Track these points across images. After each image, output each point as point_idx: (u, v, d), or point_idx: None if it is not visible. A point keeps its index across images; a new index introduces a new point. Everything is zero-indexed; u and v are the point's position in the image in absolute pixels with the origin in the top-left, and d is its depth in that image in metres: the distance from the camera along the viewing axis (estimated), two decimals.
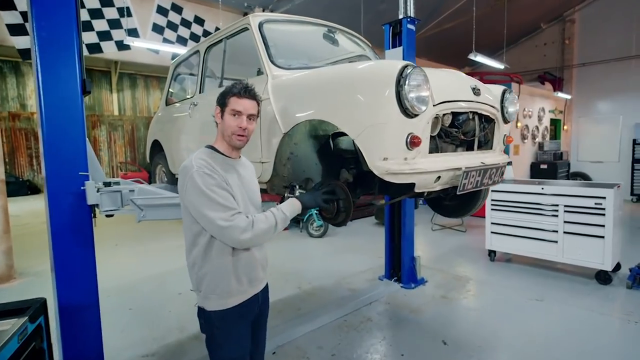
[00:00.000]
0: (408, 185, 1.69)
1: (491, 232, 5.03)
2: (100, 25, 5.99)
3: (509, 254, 5.16)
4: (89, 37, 5.93)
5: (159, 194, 2.20)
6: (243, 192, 1.59)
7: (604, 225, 4.12)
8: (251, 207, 1.63)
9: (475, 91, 1.95)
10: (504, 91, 2.29)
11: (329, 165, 2.13)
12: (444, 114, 1.82)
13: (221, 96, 1.59)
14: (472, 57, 7.02)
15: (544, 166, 9.27)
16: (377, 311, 3.71)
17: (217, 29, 6.97)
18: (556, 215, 4.44)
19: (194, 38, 7.06)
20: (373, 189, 2.04)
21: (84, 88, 2.09)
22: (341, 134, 1.98)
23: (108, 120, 13.35)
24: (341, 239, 6.51)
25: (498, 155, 2.28)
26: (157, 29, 6.53)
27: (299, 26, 2.61)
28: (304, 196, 1.68)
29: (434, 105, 1.70)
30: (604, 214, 4.12)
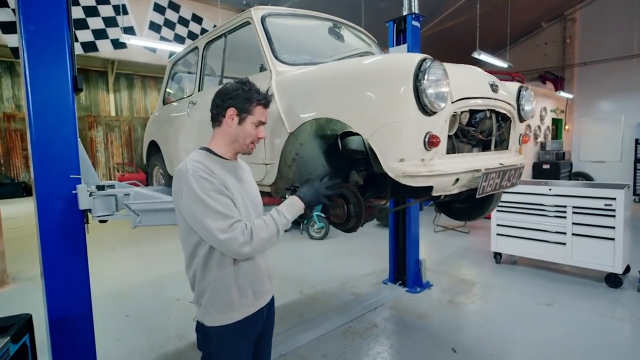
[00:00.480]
0: (425, 189, 1.58)
1: (497, 234, 4.92)
2: (95, 23, 5.84)
3: (514, 256, 5.06)
4: (84, 36, 5.79)
5: (156, 198, 2.07)
6: (244, 196, 1.47)
7: (614, 227, 4.02)
8: (253, 212, 1.50)
9: (494, 88, 1.84)
10: (520, 88, 2.17)
11: (336, 167, 2.01)
12: (461, 112, 1.70)
13: (243, 101, 1.45)
14: (476, 56, 6.91)
15: (546, 166, 9.17)
16: (383, 317, 3.59)
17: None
18: (564, 217, 4.33)
19: (192, 36, 6.93)
20: (384, 191, 1.92)
21: (75, 85, 1.96)
22: (350, 134, 1.86)
23: (105, 121, 13.18)
24: (343, 241, 6.38)
25: (514, 155, 2.16)
26: (154, 27, 6.39)
27: (303, 20, 2.49)
28: (305, 192, 1.49)
29: (452, 102, 1.59)
30: (614, 215, 4.02)
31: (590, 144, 10.94)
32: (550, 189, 4.43)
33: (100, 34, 5.85)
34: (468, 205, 2.46)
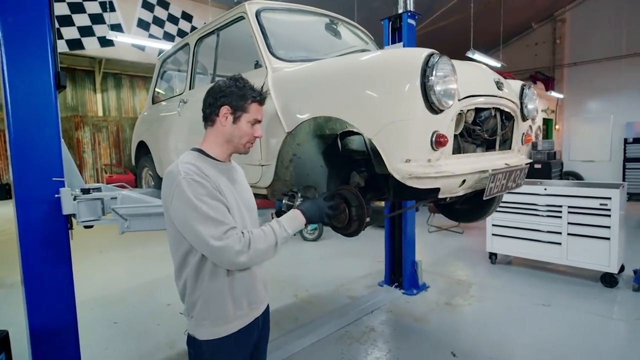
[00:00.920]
0: (431, 191, 1.50)
1: (492, 235, 4.89)
2: (81, 20, 5.65)
3: (509, 256, 5.04)
4: (70, 33, 5.59)
5: (146, 201, 1.96)
6: (238, 200, 1.37)
7: (609, 227, 4.01)
8: (247, 216, 1.41)
9: (499, 85, 1.77)
10: (523, 86, 2.12)
11: (336, 168, 1.92)
12: (467, 110, 1.63)
13: (238, 98, 1.36)
14: (470, 55, 6.89)
15: (537, 166, 9.23)
16: (380, 320, 3.52)
17: None
18: (560, 217, 4.32)
19: (182, 34, 6.77)
20: (386, 193, 1.84)
21: (58, 82, 1.84)
22: (351, 133, 1.77)
23: (92, 121, 12.88)
24: (337, 243, 6.30)
25: (518, 155, 2.11)
26: (143, 24, 6.22)
27: (299, 16, 2.40)
28: (309, 208, 1.41)
29: (458, 100, 1.51)
30: (609, 215, 4.01)
31: (580, 144, 11.05)
32: (545, 189, 4.41)
33: (86, 31, 5.66)
34: (469, 207, 2.39)
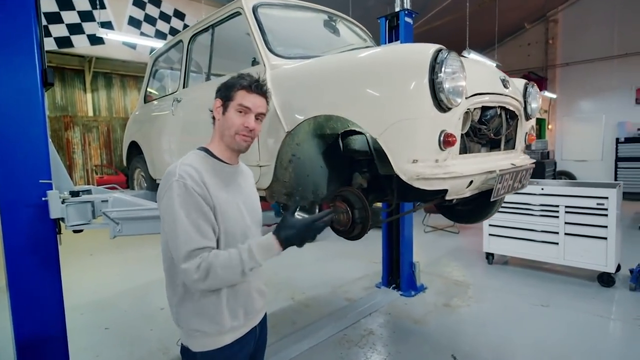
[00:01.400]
0: (437, 192, 1.44)
1: (489, 235, 4.86)
2: (70, 17, 5.51)
3: (506, 256, 5.02)
4: (58, 30, 5.45)
5: (138, 204, 1.88)
6: (241, 208, 1.31)
7: (606, 226, 4.01)
8: (250, 221, 1.35)
9: (505, 83, 1.73)
10: (526, 85, 2.08)
11: (337, 169, 1.86)
12: (474, 109, 1.58)
13: (225, 88, 1.30)
14: (466, 55, 6.88)
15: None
16: (378, 323, 3.47)
17: None
18: (557, 217, 4.31)
19: (174, 33, 6.65)
20: (389, 195, 1.79)
21: (45, 79, 1.75)
22: (352, 133, 1.71)
23: (82, 121, 12.63)
24: (332, 243, 6.23)
25: (522, 155, 2.06)
26: (134, 22, 6.09)
27: (297, 12, 2.33)
28: (287, 235, 1.22)
29: (465, 97, 1.46)
30: (606, 215, 4.01)
31: (572, 144, 11.13)
32: (542, 189, 4.39)
33: (75, 29, 5.51)
34: (471, 208, 2.35)
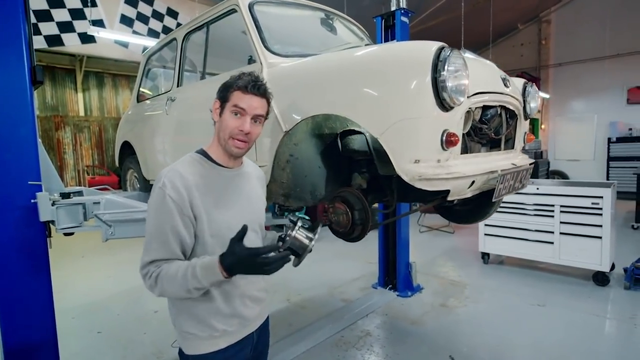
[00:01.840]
0: (438, 193, 1.42)
1: (485, 234, 4.87)
2: (60, 15, 5.40)
3: (501, 255, 5.03)
4: (48, 29, 5.34)
5: (131, 206, 1.83)
6: (237, 213, 1.26)
7: (601, 226, 4.03)
8: (249, 234, 1.29)
9: (505, 82, 1.71)
10: (525, 84, 2.06)
11: (335, 169, 1.83)
12: (475, 108, 1.55)
13: (223, 88, 1.24)
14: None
15: None
16: (375, 324, 3.44)
17: None
18: (552, 216, 4.32)
19: (167, 31, 6.56)
20: (388, 195, 1.76)
21: (34, 77, 1.69)
22: (351, 132, 1.68)
23: (73, 121, 12.45)
24: (328, 244, 6.18)
25: (521, 155, 2.05)
26: (126, 20, 5.99)
27: (294, 10, 2.29)
28: (229, 259, 1.07)
29: (467, 96, 1.44)
30: (601, 214, 4.03)
31: (565, 143, 11.22)
32: (537, 188, 4.40)
33: (66, 27, 5.41)
34: (470, 208, 2.33)
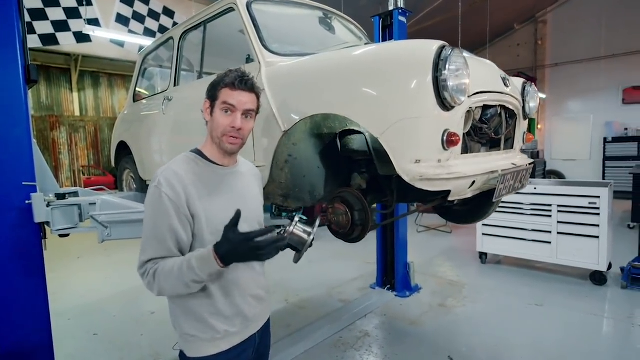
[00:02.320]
0: (438, 193, 1.41)
1: (483, 234, 4.87)
2: (55, 14, 5.36)
3: (499, 255, 5.03)
4: (43, 27, 5.29)
5: (127, 207, 1.80)
6: (228, 208, 1.23)
7: (598, 225, 4.04)
8: (246, 226, 1.28)
9: (505, 82, 1.70)
10: (524, 84, 2.05)
11: (334, 170, 1.81)
12: (475, 107, 1.54)
13: (211, 87, 1.24)
14: None
15: None
16: (374, 324, 3.43)
17: None
18: (549, 216, 4.33)
19: (163, 31, 6.52)
20: (388, 196, 1.74)
21: (28, 76, 1.66)
22: (351, 132, 1.66)
23: (68, 121, 12.37)
24: (325, 244, 6.14)
25: (520, 155, 2.04)
26: (122, 20, 5.94)
27: (292, 9, 2.28)
28: (224, 247, 1.07)
29: (468, 96, 1.42)
30: (598, 214, 4.04)
31: (561, 143, 11.27)
32: (535, 188, 4.41)
33: (61, 26, 5.36)
34: (469, 208, 2.32)
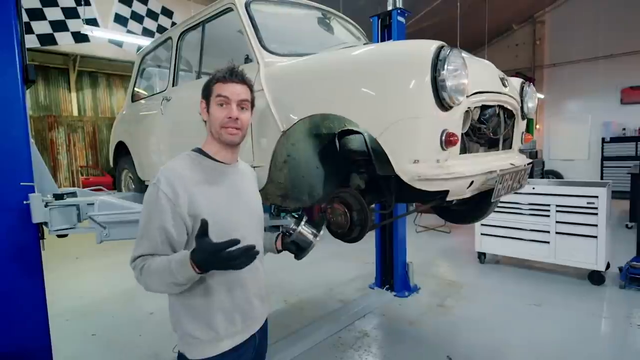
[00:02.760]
0: (437, 193, 1.41)
1: (481, 234, 4.88)
2: (53, 13, 5.35)
3: (497, 255, 5.04)
4: (41, 27, 5.28)
5: (126, 207, 1.80)
6: (235, 208, 1.26)
7: (596, 225, 4.04)
8: (248, 223, 1.31)
9: (504, 82, 1.70)
10: (523, 84, 2.06)
11: (333, 170, 1.81)
12: (474, 107, 1.55)
13: (205, 87, 1.28)
14: None
15: None
16: (373, 325, 3.43)
17: None
18: (548, 216, 4.33)
19: (161, 31, 6.51)
20: (387, 196, 1.74)
21: (26, 76, 1.66)
22: (349, 132, 1.66)
23: (67, 121, 12.34)
24: (323, 244, 6.08)
25: (519, 155, 2.05)
26: (120, 20, 5.93)
27: (290, 9, 2.28)
28: (198, 255, 1.02)
29: (466, 96, 1.43)
30: (596, 214, 4.04)
31: (559, 143, 11.30)
32: (533, 188, 4.42)
33: (59, 26, 5.35)
34: (467, 208, 2.32)
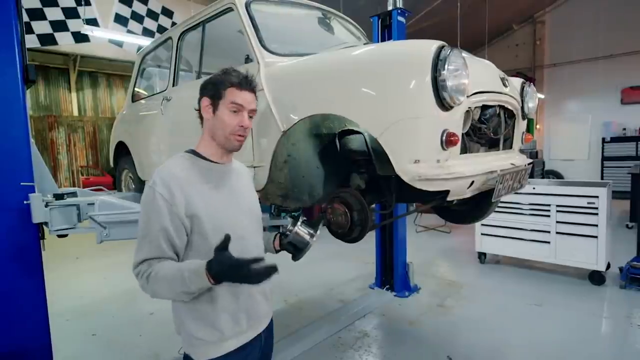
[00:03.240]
0: (437, 193, 1.41)
1: (481, 234, 4.87)
2: (53, 14, 5.36)
3: (498, 255, 5.04)
4: (41, 27, 5.29)
5: (126, 207, 1.79)
6: (233, 208, 1.26)
7: (597, 225, 4.04)
8: (247, 222, 1.32)
9: (504, 82, 1.70)
10: (523, 84, 2.06)
11: (333, 170, 1.81)
12: (474, 107, 1.54)
13: (212, 85, 1.24)
14: None
15: None
16: (373, 325, 3.43)
17: None
18: (548, 216, 4.33)
19: (162, 31, 6.52)
20: (387, 196, 1.74)
21: (26, 76, 1.66)
22: (350, 132, 1.66)
23: (67, 121, 12.34)
24: (323, 245, 6.10)
25: (519, 155, 2.05)
26: (120, 20, 5.94)
27: (291, 8, 2.28)
28: (215, 268, 1.03)
29: (467, 96, 1.42)
30: (597, 214, 4.04)
31: (560, 143, 11.30)
32: (534, 188, 4.41)
33: (59, 26, 5.36)
34: (467, 208, 2.32)
